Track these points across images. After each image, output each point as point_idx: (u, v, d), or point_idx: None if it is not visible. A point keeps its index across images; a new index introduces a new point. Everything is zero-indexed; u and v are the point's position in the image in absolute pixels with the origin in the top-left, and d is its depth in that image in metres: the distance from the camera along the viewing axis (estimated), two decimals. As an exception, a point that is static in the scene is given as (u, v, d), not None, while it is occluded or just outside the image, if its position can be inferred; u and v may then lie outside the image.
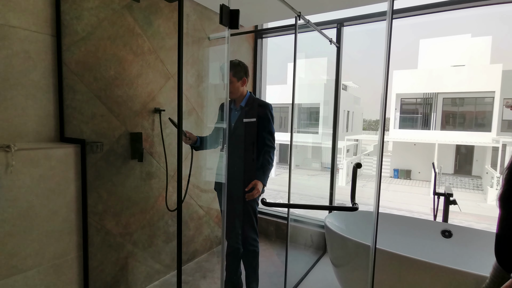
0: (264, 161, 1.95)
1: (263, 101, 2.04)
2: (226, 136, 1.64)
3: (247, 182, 1.92)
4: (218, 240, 2.87)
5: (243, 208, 1.97)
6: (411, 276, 1.66)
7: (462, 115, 14.42)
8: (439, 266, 1.56)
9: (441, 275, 1.57)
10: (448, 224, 2.13)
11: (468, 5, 2.24)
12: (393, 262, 1.70)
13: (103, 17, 1.75)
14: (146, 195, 2.15)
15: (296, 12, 1.94)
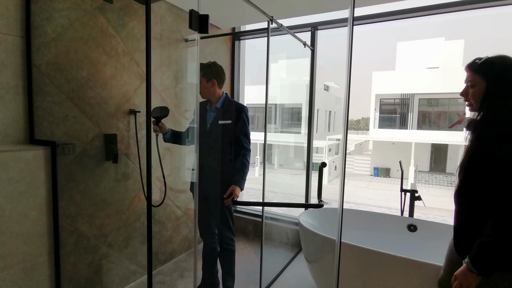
0: (240, 165, 1.97)
1: (239, 103, 2.07)
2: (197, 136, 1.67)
3: (224, 183, 1.96)
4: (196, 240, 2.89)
5: (219, 208, 2.01)
6: (376, 268, 1.76)
7: (437, 115, 15.02)
8: (401, 258, 1.66)
9: (403, 266, 1.67)
10: (414, 219, 2.25)
11: (442, 10, 2.36)
12: (359, 256, 1.80)
13: (75, 18, 1.75)
14: (122, 196, 2.15)
15: (268, 17, 2.00)
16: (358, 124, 43.43)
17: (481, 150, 1.14)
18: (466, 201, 1.21)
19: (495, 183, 1.08)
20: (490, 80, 1.15)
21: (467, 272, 1.10)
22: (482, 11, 2.35)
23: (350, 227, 2.41)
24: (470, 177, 1.18)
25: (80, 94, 1.82)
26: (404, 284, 1.69)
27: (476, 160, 1.15)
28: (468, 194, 1.19)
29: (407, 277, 1.67)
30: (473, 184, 1.17)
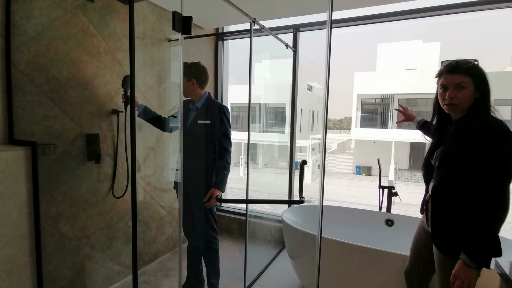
0: (220, 166, 1.98)
1: (219, 103, 2.08)
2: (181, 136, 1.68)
3: (203, 183, 1.98)
4: (181, 239, 2.90)
5: (200, 208, 2.03)
6: (355, 261, 1.84)
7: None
8: (378, 250, 1.75)
9: (381, 258, 1.76)
10: (391, 214, 2.36)
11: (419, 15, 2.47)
12: (339, 250, 1.87)
13: (55, 17, 1.73)
14: (105, 197, 2.13)
15: (251, 18, 2.04)
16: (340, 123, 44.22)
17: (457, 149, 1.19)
18: (446, 198, 1.24)
19: (479, 181, 1.13)
20: (477, 83, 1.21)
21: (467, 269, 1.13)
22: (456, 16, 2.50)
23: (331, 223, 2.49)
24: (451, 175, 1.21)
25: (61, 94, 1.80)
26: (382, 275, 1.78)
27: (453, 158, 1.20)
28: (449, 191, 1.23)
29: (385, 268, 1.76)
30: (454, 182, 1.20)
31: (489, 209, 1.11)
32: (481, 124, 1.16)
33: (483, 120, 1.18)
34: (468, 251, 1.13)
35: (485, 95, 1.22)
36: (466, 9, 2.32)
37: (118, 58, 2.14)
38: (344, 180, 16.54)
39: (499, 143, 1.11)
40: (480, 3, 2.25)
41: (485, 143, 1.12)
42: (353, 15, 2.62)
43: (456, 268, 1.17)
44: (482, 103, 1.22)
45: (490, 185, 1.11)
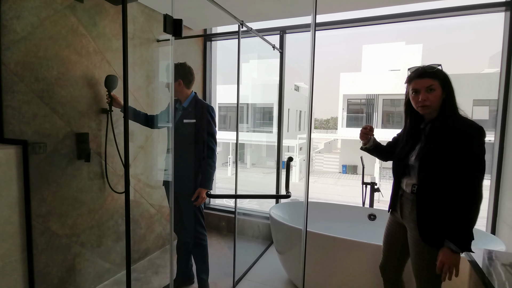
0: (206, 166, 2.03)
1: (204, 102, 2.13)
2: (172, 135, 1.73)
3: (190, 182, 2.03)
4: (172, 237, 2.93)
5: (189, 206, 2.08)
6: (340, 253, 1.93)
7: (399, 115, 15.98)
8: (361, 243, 1.85)
9: (364, 250, 1.86)
10: (373, 209, 2.47)
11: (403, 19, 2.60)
12: (324, 243, 1.96)
13: (44, 17, 1.74)
14: (95, 195, 2.15)
15: (239, 21, 2.10)
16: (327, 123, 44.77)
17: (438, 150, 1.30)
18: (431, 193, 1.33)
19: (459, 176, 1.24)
20: (443, 85, 1.33)
21: (452, 254, 1.25)
22: (437, 21, 2.65)
23: (317, 218, 2.58)
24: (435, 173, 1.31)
25: (50, 93, 1.81)
26: (365, 265, 1.87)
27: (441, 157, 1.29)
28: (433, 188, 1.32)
29: (367, 258, 1.86)
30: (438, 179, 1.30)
31: (469, 200, 1.23)
32: (456, 124, 1.29)
33: (458, 120, 1.31)
34: (453, 238, 1.25)
35: (451, 96, 1.34)
36: (446, 14, 2.46)
37: (107, 58, 2.17)
38: (331, 179, 16.80)
39: (474, 141, 1.24)
40: (459, 9, 2.39)
41: (462, 142, 1.25)
42: (339, 19, 2.73)
43: (443, 255, 1.27)
44: (450, 104, 1.34)
45: (469, 179, 1.24)
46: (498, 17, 2.35)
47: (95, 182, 2.15)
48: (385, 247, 1.61)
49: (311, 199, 3.04)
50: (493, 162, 2.39)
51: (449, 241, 1.26)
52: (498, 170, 2.32)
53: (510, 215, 2.15)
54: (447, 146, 1.28)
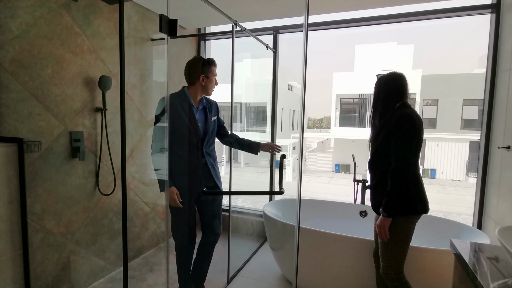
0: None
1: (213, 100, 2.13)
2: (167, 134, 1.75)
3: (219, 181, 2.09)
4: (165, 235, 2.95)
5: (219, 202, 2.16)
6: (332, 248, 1.98)
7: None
8: (353, 238, 1.90)
9: (355, 244, 1.91)
10: (365, 206, 2.53)
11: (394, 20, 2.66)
12: (317, 239, 2.01)
13: (39, 16, 1.75)
14: (89, 194, 2.16)
15: (233, 21, 2.13)
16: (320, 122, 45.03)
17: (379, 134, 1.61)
18: (375, 170, 1.65)
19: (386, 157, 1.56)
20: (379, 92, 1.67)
21: (383, 218, 1.54)
22: (428, 22, 2.72)
23: (310, 215, 2.63)
24: (376, 153, 1.64)
25: (45, 92, 1.82)
26: (358, 259, 1.93)
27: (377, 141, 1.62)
28: (376, 165, 1.64)
29: (358, 253, 1.91)
30: (378, 158, 1.63)
31: (392, 176, 1.51)
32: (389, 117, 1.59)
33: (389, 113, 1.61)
34: (383, 205, 1.54)
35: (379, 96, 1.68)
36: (435, 16, 2.53)
37: (101, 56, 2.18)
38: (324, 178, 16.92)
39: (399, 126, 1.52)
40: (448, 11, 2.46)
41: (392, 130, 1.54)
42: (332, 19, 2.77)
43: (379, 219, 1.57)
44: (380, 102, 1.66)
45: (394, 158, 1.52)
46: (487, 18, 2.43)
47: (90, 181, 2.16)
48: (375, 235, 1.77)
49: (305, 197, 3.10)
50: (479, 161, 2.47)
51: (381, 208, 1.55)
52: (484, 168, 2.40)
53: (495, 211, 2.22)
54: (383, 133, 1.58)
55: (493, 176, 2.30)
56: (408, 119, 1.50)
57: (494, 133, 2.31)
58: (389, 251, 1.56)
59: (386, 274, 1.58)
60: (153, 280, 2.36)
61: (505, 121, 2.12)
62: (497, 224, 2.16)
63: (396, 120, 1.52)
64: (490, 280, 1.03)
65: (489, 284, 1.00)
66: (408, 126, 1.50)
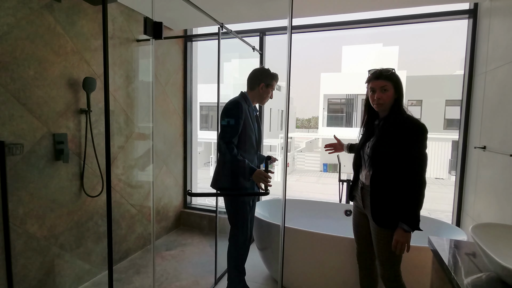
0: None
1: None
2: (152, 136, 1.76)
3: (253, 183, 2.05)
4: (154, 237, 2.94)
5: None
6: (317, 247, 2.02)
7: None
8: (337, 237, 1.95)
9: (340, 243, 1.96)
10: (349, 205, 2.59)
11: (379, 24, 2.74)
12: (302, 238, 2.05)
13: (21, 16, 1.72)
14: (73, 197, 2.13)
15: (219, 23, 2.15)
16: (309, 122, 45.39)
17: (388, 144, 1.47)
18: (382, 182, 1.52)
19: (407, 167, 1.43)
20: (396, 86, 1.50)
21: (404, 233, 1.44)
22: (412, 26, 2.81)
23: (296, 215, 2.67)
24: (385, 164, 1.49)
25: (27, 93, 1.79)
26: (343, 257, 1.98)
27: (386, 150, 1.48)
28: (384, 177, 1.51)
29: (344, 252, 1.96)
30: (388, 169, 1.49)
31: (415, 187, 1.43)
32: (404, 121, 1.47)
33: (405, 118, 1.48)
34: (405, 220, 1.44)
35: (401, 97, 1.53)
36: (417, 20, 2.61)
37: (86, 58, 2.15)
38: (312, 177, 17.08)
39: (417, 137, 1.43)
40: (428, 16, 2.55)
41: (408, 137, 1.44)
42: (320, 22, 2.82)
43: (397, 235, 1.46)
44: (399, 103, 1.52)
45: (413, 169, 1.43)
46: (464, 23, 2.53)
47: (74, 183, 2.14)
48: (356, 237, 1.77)
49: (293, 197, 3.14)
50: (457, 160, 2.57)
51: (402, 222, 1.45)
52: (462, 167, 2.49)
53: (472, 208, 2.32)
54: (395, 141, 1.46)
55: (470, 175, 2.39)
56: (424, 128, 1.44)
57: (471, 134, 2.40)
58: (391, 258, 1.52)
59: (385, 278, 1.56)
60: (140, 282, 2.35)
61: (481, 122, 2.22)
62: (474, 220, 2.26)
63: (413, 129, 1.44)
64: (463, 275, 1.08)
65: (463, 279, 1.06)
66: (425, 136, 1.44)
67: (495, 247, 1.12)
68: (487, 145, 2.08)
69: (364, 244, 1.71)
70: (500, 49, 1.97)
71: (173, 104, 3.20)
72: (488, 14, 2.20)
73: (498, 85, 1.97)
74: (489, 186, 2.06)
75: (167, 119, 3.14)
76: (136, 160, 2.70)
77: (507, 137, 1.82)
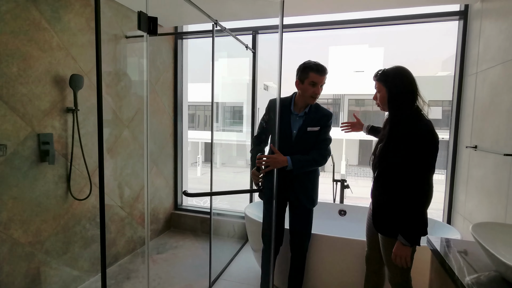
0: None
1: (326, 109, 1.95)
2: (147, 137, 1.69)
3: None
4: (142, 241, 2.85)
5: None
6: (313, 248, 2.00)
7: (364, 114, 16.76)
8: (333, 237, 1.93)
9: (336, 244, 1.95)
10: (343, 205, 2.59)
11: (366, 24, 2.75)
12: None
13: (5, 11, 1.62)
14: (60, 200, 2.03)
15: (213, 20, 2.10)
16: (296, 122, 45.48)
17: (391, 146, 1.42)
18: (382, 186, 1.48)
19: (404, 173, 1.37)
20: (388, 87, 1.43)
21: (403, 247, 1.38)
22: (397, 27, 2.83)
23: (290, 215, 2.65)
24: (385, 168, 1.46)
25: (10, 91, 1.69)
26: (338, 259, 1.96)
27: (388, 154, 1.43)
28: (384, 181, 1.47)
29: (340, 253, 1.95)
30: (387, 174, 1.45)
31: (417, 198, 1.34)
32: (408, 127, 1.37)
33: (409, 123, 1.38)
34: (402, 232, 1.37)
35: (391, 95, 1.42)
36: (406, 21, 2.64)
37: (72, 53, 2.05)
38: (300, 176, 17.15)
39: (423, 145, 1.33)
40: (418, 17, 2.58)
41: (413, 145, 1.34)
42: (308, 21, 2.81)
43: (395, 247, 1.41)
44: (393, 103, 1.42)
45: (417, 179, 1.34)
46: (450, 25, 2.57)
47: (60, 186, 2.04)
48: (367, 240, 1.70)
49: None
50: (448, 159, 2.61)
51: (400, 235, 1.38)
52: (453, 166, 2.54)
53: (463, 206, 2.36)
54: (399, 148, 1.38)
55: (461, 174, 2.44)
56: (433, 135, 1.33)
57: (462, 133, 2.44)
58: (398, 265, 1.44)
59: (394, 283, 1.51)
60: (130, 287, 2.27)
61: (472, 122, 2.26)
62: (465, 219, 2.30)
63: (421, 135, 1.33)
64: (467, 275, 1.08)
65: (466, 278, 1.05)
66: (433, 144, 1.32)
67: (495, 246, 1.12)
68: (479, 145, 2.12)
69: (374, 247, 1.65)
70: (491, 50, 2.01)
71: (163, 103, 3.12)
72: (479, 15, 2.24)
73: (490, 85, 2.00)
74: (480, 185, 2.10)
75: (158, 119, 3.06)
76: (126, 161, 2.61)
77: (499, 136, 1.85)
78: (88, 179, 2.20)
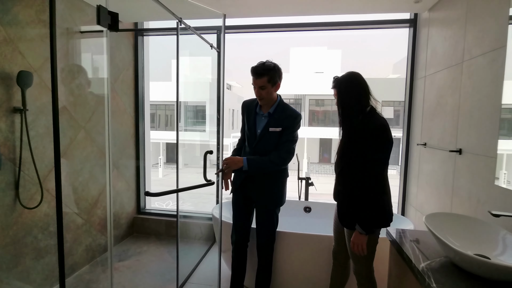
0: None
1: (294, 110, 1.93)
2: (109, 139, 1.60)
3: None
4: (101, 249, 2.69)
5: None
6: (279, 245, 2.05)
7: (323, 114, 17.44)
8: (299, 234, 1.99)
9: (303, 240, 2.01)
10: (308, 202, 2.68)
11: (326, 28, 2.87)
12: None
13: None
14: (7, 209, 1.85)
15: (177, 18, 2.04)
16: (259, 121, 45.91)
17: (348, 144, 1.54)
18: (344, 182, 1.59)
19: (361, 167, 1.47)
20: (338, 92, 1.57)
21: (359, 236, 1.49)
22: (354, 31, 2.99)
23: (258, 214, 2.67)
24: (344, 165, 1.57)
25: None
26: (305, 255, 2.03)
27: (347, 151, 1.55)
28: (345, 176, 1.58)
29: (306, 249, 2.01)
30: (347, 169, 1.56)
31: (371, 187, 1.45)
32: (360, 124, 1.48)
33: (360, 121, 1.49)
34: (359, 222, 1.48)
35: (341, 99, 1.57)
36: (363, 26, 2.80)
37: (20, 48, 1.88)
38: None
39: (374, 141, 1.44)
40: (372, 23, 2.75)
41: (364, 142, 1.45)
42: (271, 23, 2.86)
43: (353, 236, 1.52)
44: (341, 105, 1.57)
45: (371, 169, 1.45)
46: (401, 31, 2.78)
47: (8, 194, 1.85)
48: (334, 234, 1.78)
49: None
50: (400, 155, 2.83)
51: (357, 224, 1.49)
52: (406, 161, 2.75)
53: (415, 199, 2.57)
54: (356, 144, 1.49)
55: (413, 169, 2.65)
56: (384, 131, 1.43)
57: (413, 131, 2.66)
58: (361, 256, 1.55)
59: (358, 273, 1.62)
60: (91, 299, 2.13)
61: (421, 121, 2.46)
62: (417, 210, 2.50)
63: (372, 132, 1.43)
64: (422, 262, 1.18)
65: (422, 266, 1.15)
66: (385, 139, 1.43)
67: (444, 234, 1.24)
68: (428, 142, 2.32)
69: (341, 242, 1.73)
70: (437, 56, 2.21)
71: (123, 103, 2.97)
72: (426, 24, 2.45)
73: (437, 88, 2.20)
74: (429, 178, 2.30)
75: (117, 119, 2.90)
76: (83, 164, 2.45)
77: (445, 134, 2.05)
78: (39, 185, 2.02)
